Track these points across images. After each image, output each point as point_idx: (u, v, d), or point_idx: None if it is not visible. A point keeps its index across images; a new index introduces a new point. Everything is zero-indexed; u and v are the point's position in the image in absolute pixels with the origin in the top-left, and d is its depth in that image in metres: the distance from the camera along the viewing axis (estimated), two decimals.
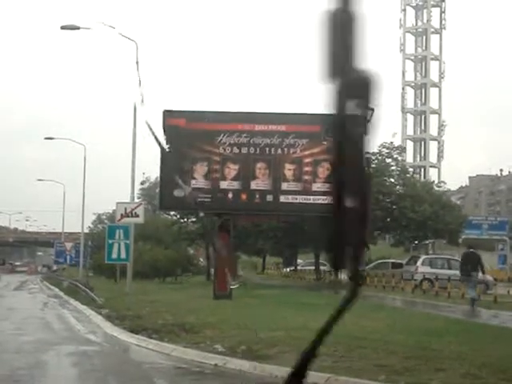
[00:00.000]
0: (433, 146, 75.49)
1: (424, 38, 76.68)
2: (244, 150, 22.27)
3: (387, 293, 28.97)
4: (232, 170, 22.24)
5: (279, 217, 26.55)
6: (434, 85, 75.58)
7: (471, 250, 22.47)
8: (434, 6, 76.77)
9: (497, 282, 27.61)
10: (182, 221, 39.59)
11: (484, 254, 48.21)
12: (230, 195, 22.07)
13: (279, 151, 22.45)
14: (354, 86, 1.09)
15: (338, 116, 1.15)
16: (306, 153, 22.52)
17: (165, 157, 21.54)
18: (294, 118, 22.76)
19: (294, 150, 22.47)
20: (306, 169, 22.58)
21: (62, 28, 25.42)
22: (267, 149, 22.40)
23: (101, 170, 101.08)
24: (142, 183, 51.92)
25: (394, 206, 35.33)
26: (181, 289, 28.32)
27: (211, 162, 21.81)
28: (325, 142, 21.95)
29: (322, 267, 45.47)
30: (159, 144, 20.82)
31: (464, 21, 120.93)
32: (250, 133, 22.36)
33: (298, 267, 51.89)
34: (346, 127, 1.16)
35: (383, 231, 38.90)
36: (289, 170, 22.50)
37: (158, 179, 26.01)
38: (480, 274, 21.56)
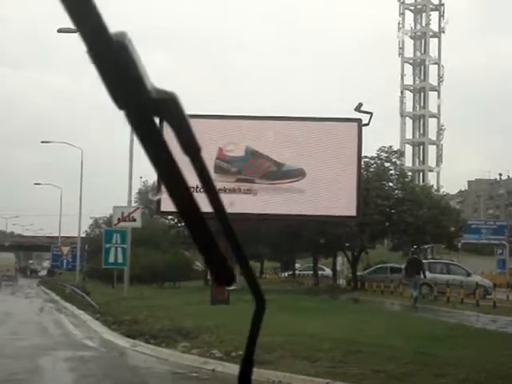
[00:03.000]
0: (432, 150, 75.54)
1: (423, 41, 76.75)
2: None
3: (386, 297, 28.91)
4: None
5: (278, 221, 26.48)
6: (433, 89, 75.62)
7: (414, 256, 27.18)
8: (432, 9, 76.85)
9: (496, 287, 27.57)
10: (179, 225, 39.51)
11: (483, 259, 48.37)
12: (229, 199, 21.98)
13: None
14: (153, 104, 1.04)
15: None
16: None
17: None
18: (297, 121, 22.66)
19: None
20: None
21: (59, 31, 25.39)
22: None
23: (98, 173, 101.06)
24: (139, 192, 51.73)
25: (393, 210, 35.28)
26: (178, 293, 28.24)
27: (211, 165, 21.70)
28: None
29: (320, 272, 45.46)
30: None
31: (463, 24, 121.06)
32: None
33: (296, 272, 51.83)
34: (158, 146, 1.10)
35: (382, 235, 38.83)
36: None
37: (156, 184, 26.00)
38: (422, 277, 25.50)
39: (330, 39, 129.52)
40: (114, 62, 0.98)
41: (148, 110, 1.03)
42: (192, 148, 1.11)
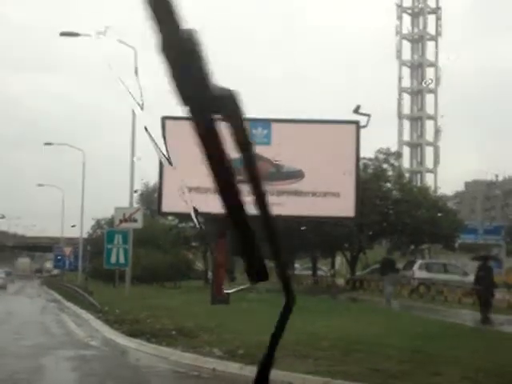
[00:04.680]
0: (429, 152, 75.69)
1: (420, 44, 77.02)
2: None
3: (383, 297, 29.05)
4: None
5: (278, 222, 26.62)
6: (430, 91, 75.80)
7: (388, 256, 28.88)
8: (430, 12, 77.08)
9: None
10: (180, 226, 39.65)
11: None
12: None
13: None
14: (215, 102, 1.11)
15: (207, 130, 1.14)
16: None
17: (164, 162, 21.56)
18: (296, 123, 22.80)
19: None
20: None
21: (62, 35, 25.51)
22: None
23: (100, 175, 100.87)
24: (140, 193, 51.77)
25: (391, 211, 35.46)
26: (179, 293, 28.37)
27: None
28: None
29: (319, 272, 45.61)
30: (160, 151, 20.92)
31: (459, 26, 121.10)
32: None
33: (296, 271, 51.97)
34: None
35: (380, 236, 38.99)
36: None
37: (157, 184, 26.15)
38: (396, 275, 27.33)
39: (327, 42, 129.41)
40: (184, 59, 1.02)
41: (210, 107, 1.07)
42: (245, 146, 1.16)
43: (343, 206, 22.09)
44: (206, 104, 1.09)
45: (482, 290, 18.99)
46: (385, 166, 37.01)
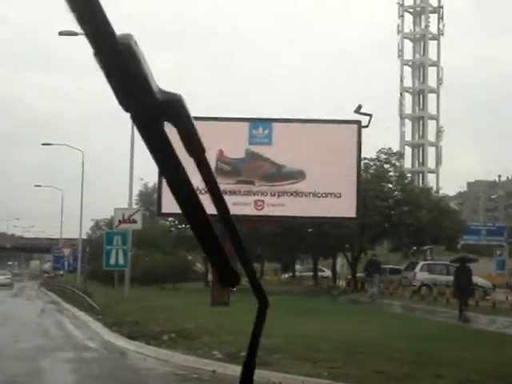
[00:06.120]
0: (431, 152, 75.60)
1: (422, 43, 76.90)
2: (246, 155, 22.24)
3: (385, 299, 28.98)
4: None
5: (279, 222, 26.56)
6: (432, 91, 75.73)
7: (373, 258, 29.15)
8: (431, 11, 76.98)
9: (495, 288, 27.63)
10: (180, 226, 39.56)
11: (482, 260, 48.38)
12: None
13: None
14: (160, 107, 1.05)
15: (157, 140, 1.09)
16: None
17: None
18: (297, 123, 22.70)
19: None
20: None
21: (60, 34, 25.42)
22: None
23: (99, 175, 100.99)
24: (139, 194, 51.69)
25: (392, 212, 35.34)
26: (178, 295, 28.28)
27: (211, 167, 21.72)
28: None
29: (320, 273, 45.52)
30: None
31: (461, 25, 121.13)
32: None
33: (296, 273, 51.91)
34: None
35: (381, 237, 38.89)
36: None
37: (156, 185, 26.04)
38: (380, 276, 28.44)
39: (328, 41, 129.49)
40: (120, 64, 0.98)
41: (154, 112, 1.03)
42: (197, 150, 1.13)
43: (344, 206, 21.99)
44: (151, 110, 1.03)
45: (460, 290, 19.40)
46: (386, 166, 36.89)
